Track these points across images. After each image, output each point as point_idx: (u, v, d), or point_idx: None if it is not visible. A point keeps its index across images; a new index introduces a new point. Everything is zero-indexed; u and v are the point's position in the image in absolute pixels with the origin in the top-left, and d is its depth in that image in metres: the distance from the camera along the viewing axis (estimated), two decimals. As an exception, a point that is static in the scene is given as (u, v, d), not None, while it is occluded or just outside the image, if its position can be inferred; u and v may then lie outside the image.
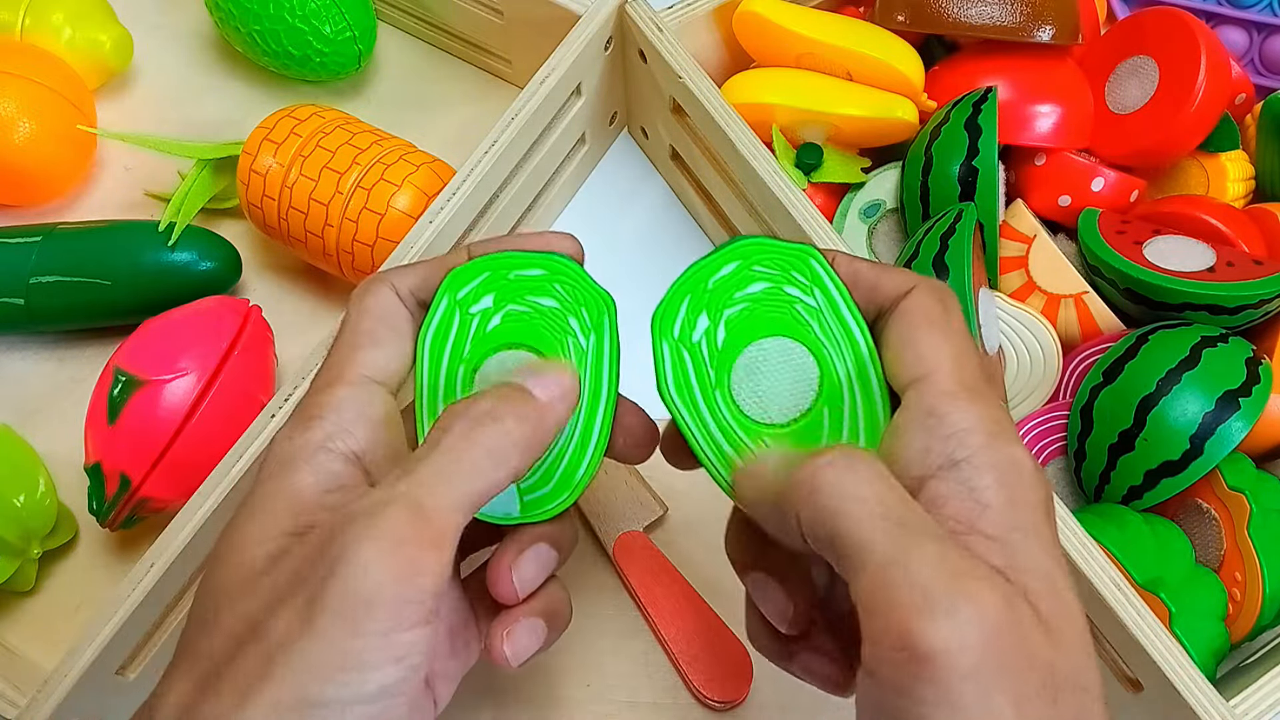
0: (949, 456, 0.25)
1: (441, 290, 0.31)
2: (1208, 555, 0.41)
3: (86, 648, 0.37)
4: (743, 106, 0.47)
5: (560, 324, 0.31)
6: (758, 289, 0.30)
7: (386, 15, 0.58)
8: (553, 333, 0.31)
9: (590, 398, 0.31)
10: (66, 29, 0.53)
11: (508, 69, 0.56)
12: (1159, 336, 0.41)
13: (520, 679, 0.44)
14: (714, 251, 0.31)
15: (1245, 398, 0.39)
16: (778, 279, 0.30)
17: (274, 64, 0.53)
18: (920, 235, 0.44)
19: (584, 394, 0.31)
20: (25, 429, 0.47)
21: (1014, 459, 0.26)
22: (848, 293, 0.30)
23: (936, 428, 0.26)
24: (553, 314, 0.31)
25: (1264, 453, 0.43)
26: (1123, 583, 0.36)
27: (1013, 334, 0.45)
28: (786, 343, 0.30)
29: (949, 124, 0.45)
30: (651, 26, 0.47)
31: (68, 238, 0.49)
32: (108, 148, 0.55)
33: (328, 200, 0.46)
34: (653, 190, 0.55)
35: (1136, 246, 0.44)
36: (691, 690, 0.43)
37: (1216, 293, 0.41)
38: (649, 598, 0.44)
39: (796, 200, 0.43)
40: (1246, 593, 0.39)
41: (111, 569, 0.46)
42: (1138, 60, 0.48)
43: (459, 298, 0.31)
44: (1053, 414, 0.44)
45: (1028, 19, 0.47)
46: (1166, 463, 0.40)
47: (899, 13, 0.48)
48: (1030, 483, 0.26)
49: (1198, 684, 0.35)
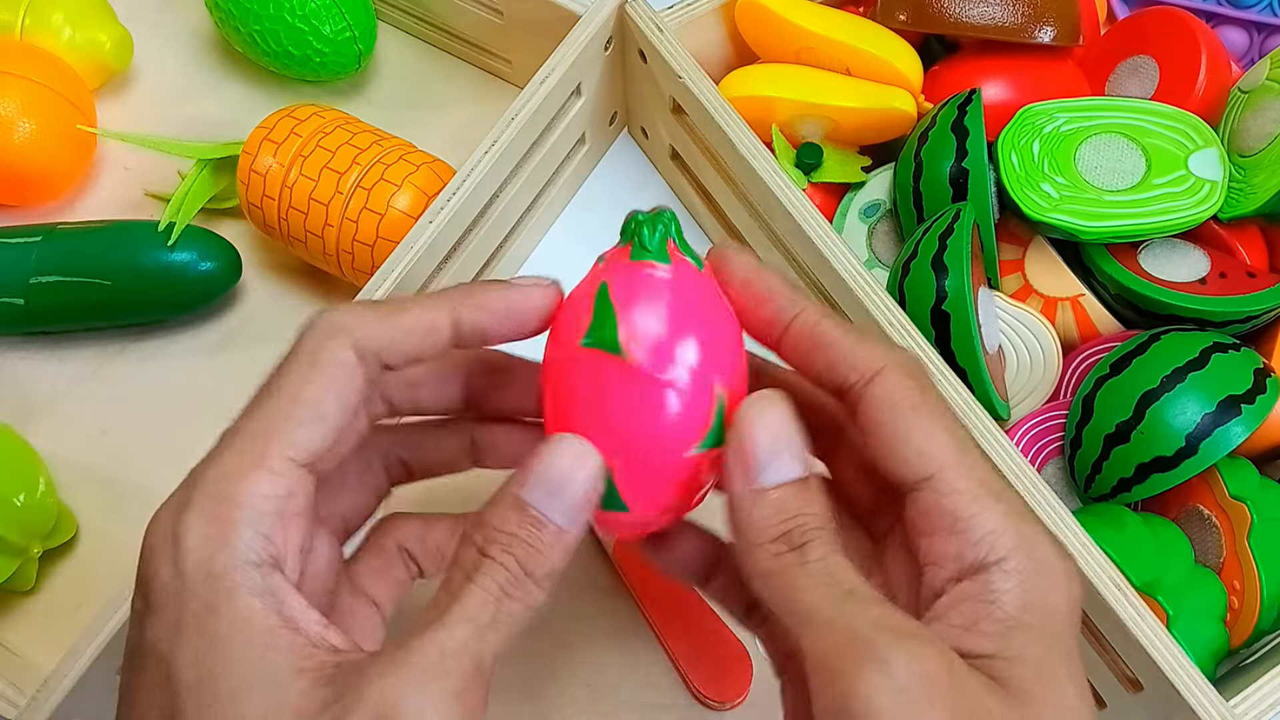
0: (980, 561, 0.25)
1: None
2: (1207, 562, 0.41)
3: (86, 648, 0.37)
4: (741, 100, 0.47)
5: None
6: None
7: (386, 15, 0.58)
8: None
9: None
10: (66, 29, 0.53)
11: (508, 69, 0.56)
12: (1170, 337, 0.41)
13: (520, 679, 0.44)
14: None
15: (1248, 404, 0.39)
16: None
17: (274, 64, 0.53)
18: (919, 236, 0.44)
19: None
20: (25, 429, 0.47)
21: (1043, 560, 0.25)
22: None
23: (966, 533, 0.25)
24: None
25: (1264, 452, 0.43)
26: (1122, 582, 0.36)
27: (1012, 334, 0.45)
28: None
29: (935, 127, 0.45)
30: (651, 26, 0.47)
31: (68, 238, 0.49)
32: (108, 148, 0.55)
33: (328, 200, 0.46)
34: (653, 190, 0.55)
35: (1132, 252, 0.45)
36: (691, 690, 0.43)
37: (1203, 307, 0.42)
38: (649, 598, 0.44)
39: (796, 200, 0.43)
40: (1245, 600, 0.39)
41: (111, 569, 0.46)
42: (1138, 60, 0.48)
43: None
44: (1052, 414, 0.44)
45: (1029, 20, 0.47)
46: (1159, 458, 0.40)
47: (900, 11, 0.48)
48: (1052, 584, 0.25)
49: (1197, 684, 0.35)
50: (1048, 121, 0.45)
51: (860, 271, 0.42)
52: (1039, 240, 0.46)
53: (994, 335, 0.44)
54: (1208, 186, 0.43)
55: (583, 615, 0.44)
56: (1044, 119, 0.45)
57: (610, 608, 0.45)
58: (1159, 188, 0.43)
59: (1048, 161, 0.44)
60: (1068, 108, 0.45)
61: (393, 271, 0.42)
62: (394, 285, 0.42)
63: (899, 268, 0.44)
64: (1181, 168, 0.43)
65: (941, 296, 0.41)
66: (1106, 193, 0.43)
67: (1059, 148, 0.44)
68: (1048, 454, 0.44)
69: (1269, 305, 0.42)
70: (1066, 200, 0.43)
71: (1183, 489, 0.41)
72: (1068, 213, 0.43)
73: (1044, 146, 0.44)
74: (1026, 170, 0.44)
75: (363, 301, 0.38)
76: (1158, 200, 0.43)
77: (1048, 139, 0.44)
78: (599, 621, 0.44)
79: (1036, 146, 0.44)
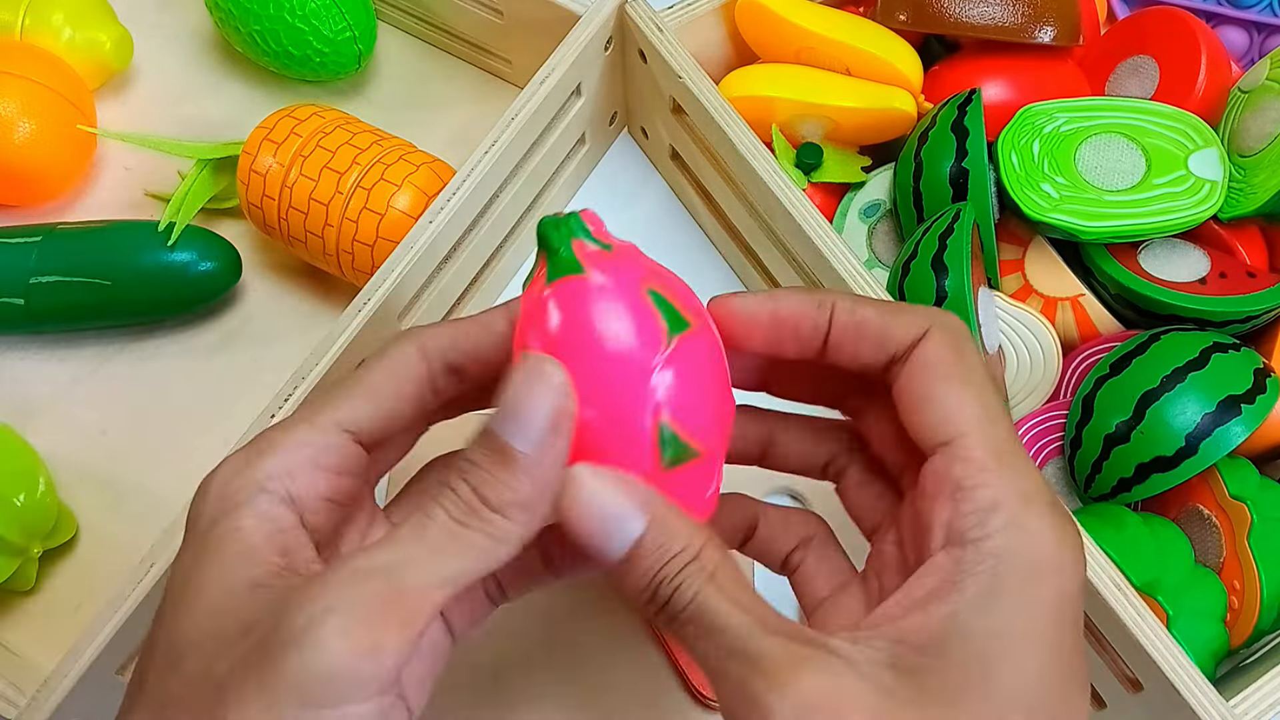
0: (963, 534, 0.24)
1: None
2: (1207, 562, 0.41)
3: (86, 648, 0.37)
4: (741, 100, 0.47)
5: None
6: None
7: (386, 15, 0.58)
8: None
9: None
10: (66, 29, 0.53)
11: (508, 69, 0.56)
12: (1171, 337, 0.41)
13: (520, 679, 0.44)
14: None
15: (1248, 404, 0.39)
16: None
17: (274, 64, 0.53)
18: (919, 236, 0.44)
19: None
20: (25, 429, 0.47)
21: (1032, 547, 0.24)
22: None
23: (962, 503, 0.25)
24: None
25: (1264, 452, 0.43)
26: (1122, 582, 0.36)
27: (1012, 333, 0.45)
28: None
29: (935, 128, 0.45)
30: (651, 26, 0.47)
31: (68, 238, 0.49)
32: (108, 148, 0.55)
33: (328, 200, 0.46)
34: (653, 190, 0.55)
35: (1132, 251, 0.45)
36: (691, 690, 0.43)
37: (1202, 307, 0.42)
38: (649, 598, 0.44)
39: (796, 200, 0.43)
40: (1244, 601, 0.39)
41: (111, 569, 0.46)
42: (1138, 60, 0.48)
43: None
44: (1052, 414, 0.44)
45: (1029, 20, 0.47)
46: (1159, 458, 0.40)
47: (900, 11, 0.48)
48: (1036, 575, 0.24)
49: (1198, 684, 0.35)
50: (1048, 121, 0.45)
51: (860, 271, 0.42)
52: (1039, 240, 0.46)
53: (994, 335, 0.44)
54: (1208, 186, 0.43)
55: (583, 615, 0.44)
56: (1044, 119, 0.45)
57: (610, 608, 0.45)
58: (1159, 188, 0.43)
59: (1048, 161, 0.44)
60: (1068, 108, 0.45)
61: (393, 271, 0.42)
62: (394, 285, 0.42)
63: (899, 268, 0.44)
64: (1181, 168, 0.43)
65: (941, 296, 0.41)
66: (1106, 193, 0.43)
67: (1059, 148, 0.44)
68: (1048, 454, 0.44)
69: (1269, 305, 0.42)
70: (1066, 200, 0.43)
71: (1183, 489, 0.41)
72: (1068, 213, 0.43)
73: (1044, 146, 0.44)
74: (1026, 170, 0.44)
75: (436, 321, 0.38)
76: (1158, 200, 0.43)
77: (1048, 139, 0.44)
78: (599, 621, 0.44)
79: (1036, 146, 0.44)
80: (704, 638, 0.24)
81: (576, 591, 0.45)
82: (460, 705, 0.43)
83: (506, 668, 0.43)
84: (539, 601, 0.44)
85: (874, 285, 0.41)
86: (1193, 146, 0.44)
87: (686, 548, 0.25)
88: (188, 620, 0.25)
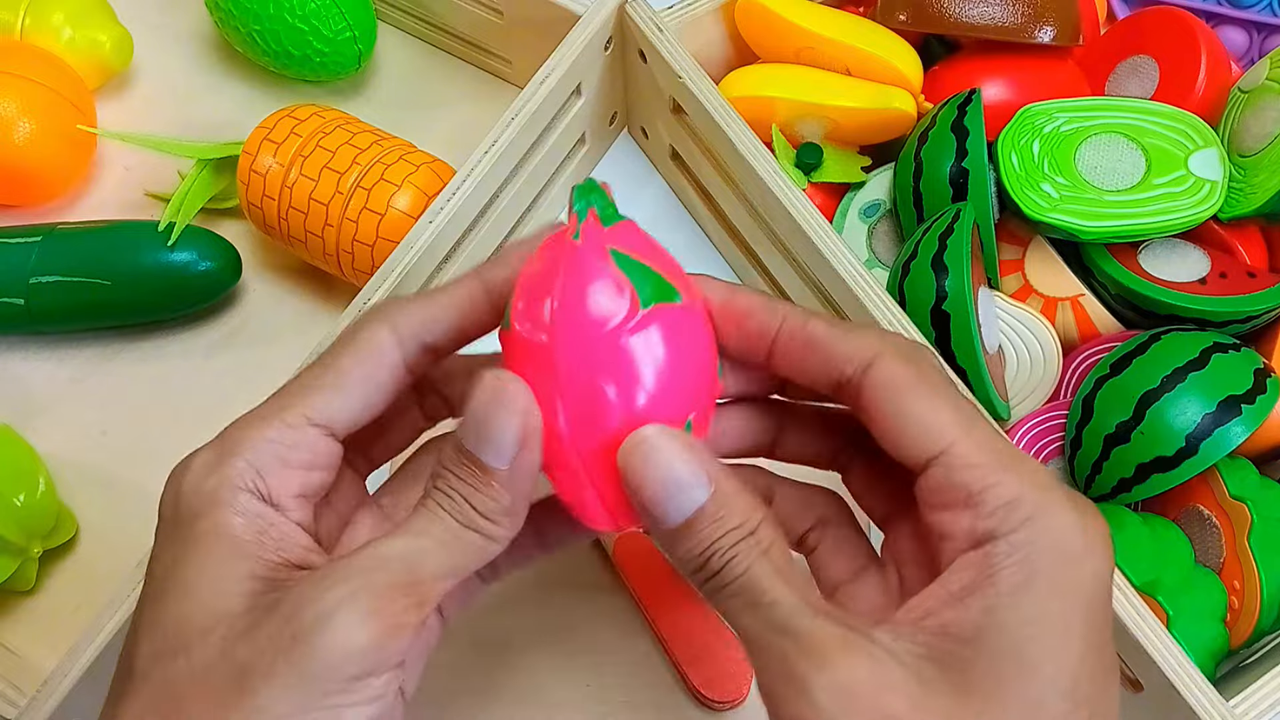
0: (990, 532, 0.25)
1: None
2: (1207, 562, 0.41)
3: (86, 648, 0.37)
4: (741, 100, 0.47)
5: None
6: None
7: (386, 15, 0.58)
8: None
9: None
10: (66, 29, 0.53)
11: (508, 69, 0.56)
12: (1171, 337, 0.41)
13: (519, 679, 0.44)
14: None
15: (1248, 405, 0.39)
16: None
17: (274, 64, 0.53)
18: (918, 236, 0.44)
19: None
20: (25, 429, 0.47)
21: (1060, 533, 0.24)
22: None
23: (980, 506, 0.25)
24: None
25: (1264, 452, 0.43)
26: (1122, 582, 0.36)
27: (1012, 334, 0.45)
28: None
29: (935, 128, 0.45)
30: (651, 26, 0.47)
31: (68, 238, 0.49)
32: (108, 148, 0.55)
33: (328, 200, 0.46)
34: (653, 190, 0.55)
35: (1132, 251, 0.45)
36: (691, 690, 0.43)
37: (1203, 307, 0.42)
38: (649, 598, 0.44)
39: (796, 200, 0.43)
40: (1244, 601, 0.39)
41: (111, 569, 0.46)
42: (1138, 60, 0.48)
43: None
44: (1052, 414, 0.44)
45: (1029, 19, 0.47)
46: (1159, 458, 0.40)
47: (900, 11, 0.48)
48: (1068, 559, 0.24)
49: (1198, 684, 0.35)
50: (1048, 121, 0.45)
51: (860, 271, 0.42)
52: (1039, 240, 0.46)
53: (994, 335, 0.44)
54: (1208, 186, 0.43)
55: (582, 615, 0.44)
56: (1044, 119, 0.45)
57: (610, 608, 0.45)
58: (1159, 188, 0.43)
59: (1048, 161, 0.44)
60: (1068, 108, 0.45)
61: (393, 271, 0.42)
62: (394, 285, 0.42)
63: (899, 268, 0.44)
64: (1181, 168, 0.43)
65: (941, 296, 0.41)
66: (1106, 193, 0.43)
67: (1059, 148, 0.44)
68: (1048, 454, 0.44)
69: (1269, 305, 0.42)
70: (1066, 200, 0.43)
71: (1183, 489, 0.41)
72: (1068, 213, 0.43)
73: (1044, 146, 0.44)
74: (1026, 170, 0.44)
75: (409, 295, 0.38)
76: (1158, 200, 0.43)
77: (1048, 139, 0.44)
78: (599, 622, 0.44)
79: (1036, 146, 0.44)
80: (750, 611, 0.24)
81: (577, 592, 0.45)
82: (456, 706, 0.43)
83: (506, 670, 0.43)
84: (539, 601, 0.45)
85: (874, 285, 0.41)
86: (1193, 146, 0.44)
87: (745, 522, 0.25)
88: (189, 610, 0.25)
